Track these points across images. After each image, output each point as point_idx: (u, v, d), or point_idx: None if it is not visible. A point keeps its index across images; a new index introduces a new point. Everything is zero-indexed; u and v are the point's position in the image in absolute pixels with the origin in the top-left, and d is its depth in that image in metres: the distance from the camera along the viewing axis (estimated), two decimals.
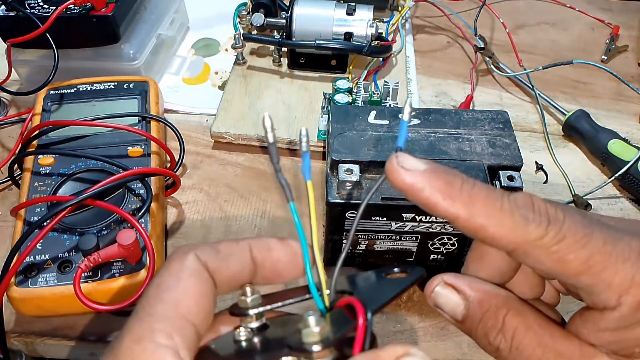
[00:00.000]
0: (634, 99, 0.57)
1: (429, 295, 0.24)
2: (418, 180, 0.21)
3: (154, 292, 0.19)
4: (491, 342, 0.22)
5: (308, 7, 0.53)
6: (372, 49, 0.52)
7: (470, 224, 0.20)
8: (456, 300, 0.23)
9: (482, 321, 0.22)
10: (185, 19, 0.64)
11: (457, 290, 0.23)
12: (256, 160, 0.50)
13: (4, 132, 0.52)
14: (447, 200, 0.20)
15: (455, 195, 0.20)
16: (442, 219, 0.36)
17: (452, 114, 0.40)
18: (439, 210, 0.21)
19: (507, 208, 0.20)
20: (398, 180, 0.21)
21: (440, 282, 0.24)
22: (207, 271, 0.20)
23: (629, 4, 0.72)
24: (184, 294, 0.19)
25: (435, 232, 0.37)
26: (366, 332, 0.18)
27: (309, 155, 0.21)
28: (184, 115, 0.54)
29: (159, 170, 0.42)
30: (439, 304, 0.24)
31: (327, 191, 0.35)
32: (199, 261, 0.20)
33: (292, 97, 0.54)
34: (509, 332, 0.22)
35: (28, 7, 0.48)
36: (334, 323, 0.19)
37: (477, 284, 0.23)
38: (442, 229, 0.37)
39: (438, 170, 0.21)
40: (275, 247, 0.22)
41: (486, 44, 0.58)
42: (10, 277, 0.34)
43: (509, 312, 0.22)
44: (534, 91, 0.55)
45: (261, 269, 0.22)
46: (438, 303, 0.24)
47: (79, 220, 0.38)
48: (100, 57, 0.52)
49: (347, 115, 0.39)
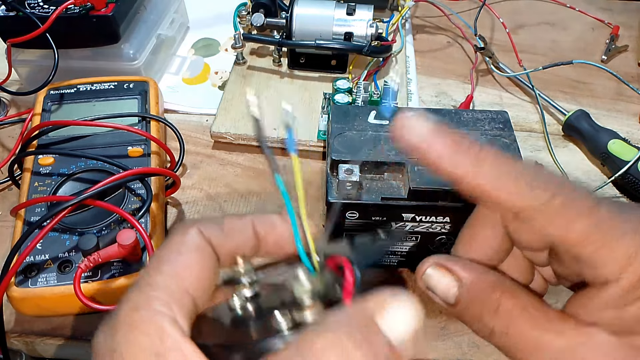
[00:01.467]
0: (634, 99, 0.57)
1: (420, 277, 0.23)
2: (424, 138, 0.20)
3: (155, 265, 0.19)
4: (485, 325, 0.21)
5: (308, 7, 0.53)
6: (372, 49, 0.52)
7: (476, 185, 0.20)
8: (448, 282, 0.22)
9: (475, 303, 0.22)
10: (185, 19, 0.64)
11: (449, 272, 0.22)
12: (256, 160, 0.50)
13: (4, 132, 0.52)
14: (454, 159, 0.20)
15: (463, 155, 0.20)
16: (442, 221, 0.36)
17: (452, 114, 0.40)
18: (445, 168, 0.20)
19: (515, 171, 0.20)
20: (404, 139, 0.21)
21: (432, 264, 0.23)
22: (210, 246, 0.20)
23: (629, 4, 0.72)
24: (184, 267, 0.19)
25: (435, 232, 0.37)
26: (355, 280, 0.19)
27: (292, 130, 0.20)
28: (184, 115, 0.54)
29: (159, 170, 0.42)
30: (430, 286, 0.23)
31: (327, 191, 0.35)
32: (202, 236, 0.20)
33: (292, 97, 0.54)
34: (504, 314, 0.21)
35: (28, 7, 0.48)
36: (324, 281, 0.20)
37: (469, 266, 0.23)
38: (442, 229, 0.37)
39: (445, 129, 0.20)
40: (278, 222, 0.22)
41: (486, 44, 0.58)
42: (10, 277, 0.34)
43: (504, 293, 0.21)
44: (534, 91, 0.55)
45: (264, 243, 0.22)
46: (430, 285, 0.23)
47: (79, 220, 0.38)
48: (100, 57, 0.52)
49: (347, 115, 0.39)
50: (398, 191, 0.35)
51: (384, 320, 0.17)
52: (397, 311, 0.17)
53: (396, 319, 0.17)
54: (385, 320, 0.17)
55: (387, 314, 0.17)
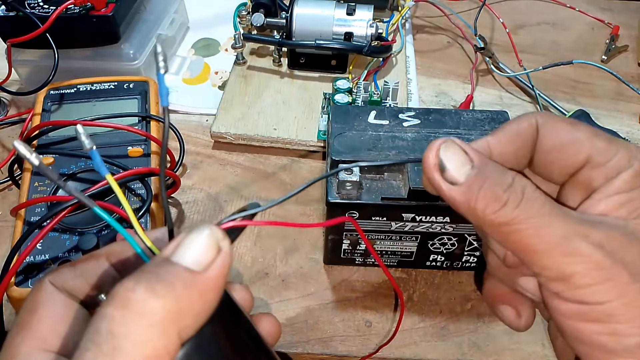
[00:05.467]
0: (634, 99, 0.57)
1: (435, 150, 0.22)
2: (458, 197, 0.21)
3: (13, 332, 0.20)
4: (499, 198, 0.20)
5: (308, 7, 0.53)
6: (372, 49, 0.52)
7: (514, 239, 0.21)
8: (463, 159, 0.21)
9: (488, 180, 0.21)
10: (185, 19, 0.64)
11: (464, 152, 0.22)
12: (256, 160, 0.50)
13: (4, 132, 0.52)
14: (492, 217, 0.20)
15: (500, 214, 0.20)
16: (442, 221, 0.36)
17: (452, 114, 0.40)
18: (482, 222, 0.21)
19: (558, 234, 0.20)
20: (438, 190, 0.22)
21: (447, 140, 0.22)
22: (63, 293, 0.21)
23: (629, 4, 0.72)
24: (37, 325, 0.20)
25: (435, 232, 0.37)
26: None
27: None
28: (184, 115, 0.54)
29: (159, 170, 0.42)
30: (443, 159, 0.21)
31: (327, 191, 0.35)
32: (54, 286, 0.21)
33: (292, 97, 0.54)
34: (519, 188, 0.20)
35: (28, 7, 0.48)
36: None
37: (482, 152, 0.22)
38: (442, 229, 0.37)
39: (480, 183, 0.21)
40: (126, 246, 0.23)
41: (486, 44, 0.58)
42: (10, 277, 0.34)
43: (517, 174, 0.21)
44: (534, 91, 0.55)
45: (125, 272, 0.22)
46: (443, 157, 0.21)
47: (79, 220, 0.38)
48: (100, 57, 0.52)
49: (347, 115, 0.39)
50: (398, 191, 0.35)
51: (175, 254, 0.18)
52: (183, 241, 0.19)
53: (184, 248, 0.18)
54: (176, 254, 0.18)
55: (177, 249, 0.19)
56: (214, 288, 0.18)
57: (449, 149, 0.21)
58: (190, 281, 0.18)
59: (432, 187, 0.22)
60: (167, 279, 0.17)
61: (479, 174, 0.21)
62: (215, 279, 0.18)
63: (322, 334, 0.38)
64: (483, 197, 0.20)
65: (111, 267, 0.23)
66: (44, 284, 0.21)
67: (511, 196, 0.20)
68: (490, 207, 0.20)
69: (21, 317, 0.21)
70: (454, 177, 0.21)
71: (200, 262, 0.18)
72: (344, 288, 0.40)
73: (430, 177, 0.22)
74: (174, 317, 0.17)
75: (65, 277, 0.22)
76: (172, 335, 0.17)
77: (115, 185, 0.20)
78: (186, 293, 0.17)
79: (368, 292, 0.40)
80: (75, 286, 0.22)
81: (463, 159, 0.21)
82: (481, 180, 0.21)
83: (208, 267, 0.18)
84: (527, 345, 0.38)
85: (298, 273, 0.41)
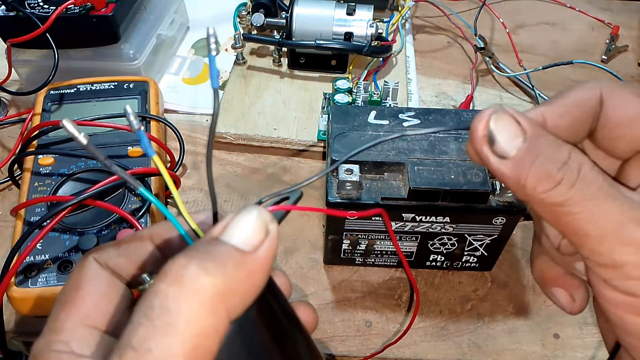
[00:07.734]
0: None
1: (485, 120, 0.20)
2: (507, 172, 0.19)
3: (57, 308, 0.20)
4: (552, 176, 0.19)
5: (308, 7, 0.53)
6: (372, 49, 0.52)
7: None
8: (515, 130, 0.19)
9: (542, 155, 0.19)
10: (185, 19, 0.64)
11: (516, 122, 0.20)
12: (256, 161, 0.50)
13: (4, 132, 0.52)
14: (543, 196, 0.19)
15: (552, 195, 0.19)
16: (443, 221, 0.36)
17: (452, 114, 0.40)
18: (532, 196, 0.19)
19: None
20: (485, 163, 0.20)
21: (499, 108, 0.20)
22: (107, 271, 0.21)
23: (629, 4, 0.72)
24: (81, 301, 0.20)
25: (435, 232, 0.37)
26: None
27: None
28: (184, 115, 0.54)
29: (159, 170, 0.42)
30: (493, 130, 0.19)
31: (327, 191, 0.35)
32: (97, 263, 0.21)
33: (292, 97, 0.54)
34: (574, 166, 0.19)
35: (28, 7, 0.48)
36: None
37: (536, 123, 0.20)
38: (442, 229, 0.37)
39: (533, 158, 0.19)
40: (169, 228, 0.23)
41: (486, 44, 0.58)
42: (10, 277, 0.34)
43: (574, 149, 0.19)
44: (534, 91, 0.55)
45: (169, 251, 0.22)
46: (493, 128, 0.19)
47: (79, 220, 0.38)
48: (100, 57, 0.52)
49: (347, 115, 0.39)
50: (398, 191, 0.35)
51: (224, 234, 0.18)
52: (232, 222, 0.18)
53: (232, 229, 0.18)
54: (225, 234, 0.18)
55: (226, 229, 0.18)
56: (262, 270, 0.18)
57: (500, 119, 0.20)
58: (240, 261, 0.17)
59: (478, 159, 0.20)
60: (218, 257, 0.17)
61: (532, 148, 0.19)
62: (263, 261, 0.18)
63: (322, 334, 0.38)
64: (534, 175, 0.19)
65: (155, 248, 0.22)
66: (89, 261, 0.21)
67: (565, 175, 0.18)
68: (541, 185, 0.19)
69: (65, 293, 0.20)
70: (504, 151, 0.19)
71: (249, 243, 0.18)
72: (344, 288, 0.40)
73: (479, 150, 0.20)
74: (223, 297, 0.17)
75: (109, 255, 0.21)
76: (221, 314, 0.17)
77: (162, 166, 0.20)
78: (236, 273, 0.17)
79: (368, 292, 0.40)
80: (119, 265, 0.21)
81: (515, 130, 0.19)
82: (534, 155, 0.19)
83: (257, 248, 0.18)
84: (527, 345, 0.38)
85: (298, 273, 0.41)
